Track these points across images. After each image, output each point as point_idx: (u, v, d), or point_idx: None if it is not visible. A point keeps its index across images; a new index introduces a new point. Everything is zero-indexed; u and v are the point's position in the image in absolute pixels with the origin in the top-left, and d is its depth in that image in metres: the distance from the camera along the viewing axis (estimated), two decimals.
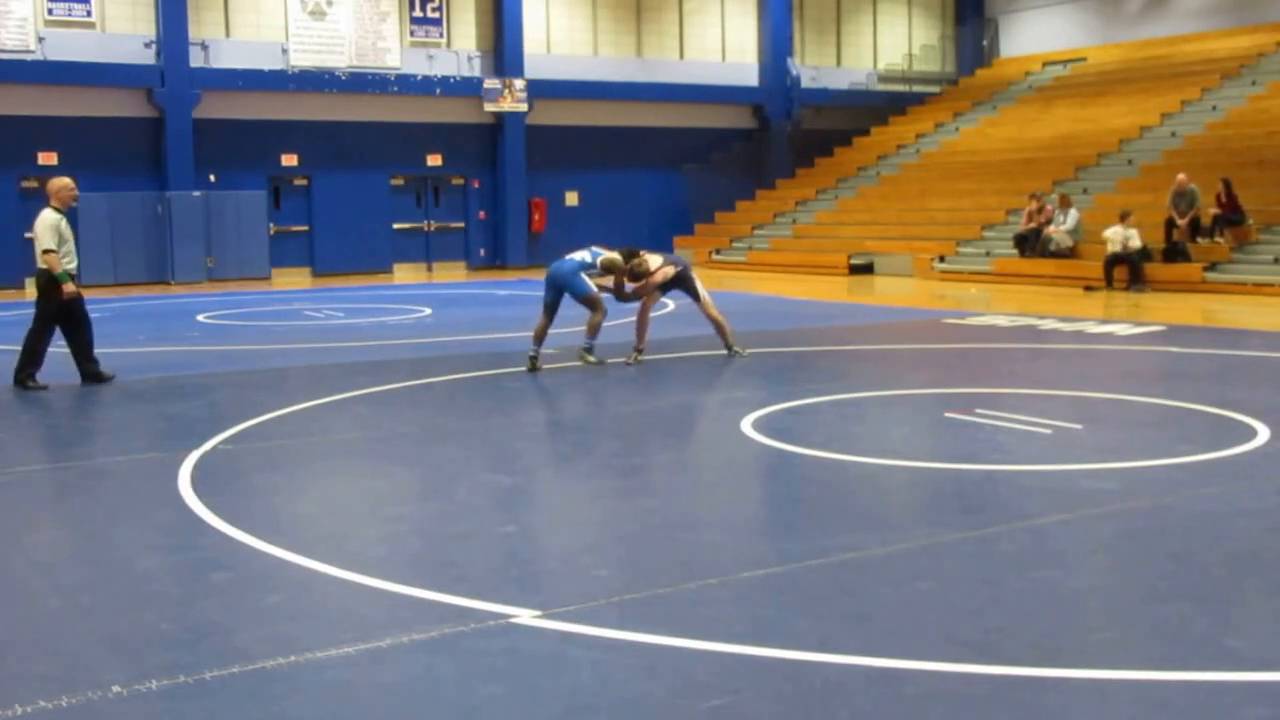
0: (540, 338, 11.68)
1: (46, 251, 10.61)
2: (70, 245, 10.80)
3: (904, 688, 4.10)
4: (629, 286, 11.97)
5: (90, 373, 10.93)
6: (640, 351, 12.02)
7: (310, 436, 8.65)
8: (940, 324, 15.63)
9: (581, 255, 11.84)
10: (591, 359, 11.56)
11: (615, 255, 11.86)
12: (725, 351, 12.13)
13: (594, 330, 11.66)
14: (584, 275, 11.68)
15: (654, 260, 12.09)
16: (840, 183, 30.15)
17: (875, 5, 34.01)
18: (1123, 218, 19.94)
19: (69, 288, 10.62)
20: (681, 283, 12.16)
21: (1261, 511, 6.30)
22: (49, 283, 10.73)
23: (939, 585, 5.16)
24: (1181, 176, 20.39)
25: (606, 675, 4.24)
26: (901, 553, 5.60)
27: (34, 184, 24.36)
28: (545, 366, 11.51)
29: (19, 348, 10.87)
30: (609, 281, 11.83)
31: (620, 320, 12.88)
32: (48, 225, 10.65)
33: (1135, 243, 19.74)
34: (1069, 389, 10.07)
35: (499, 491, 7.13)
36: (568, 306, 11.86)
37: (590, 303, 11.66)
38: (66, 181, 10.94)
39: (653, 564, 5.55)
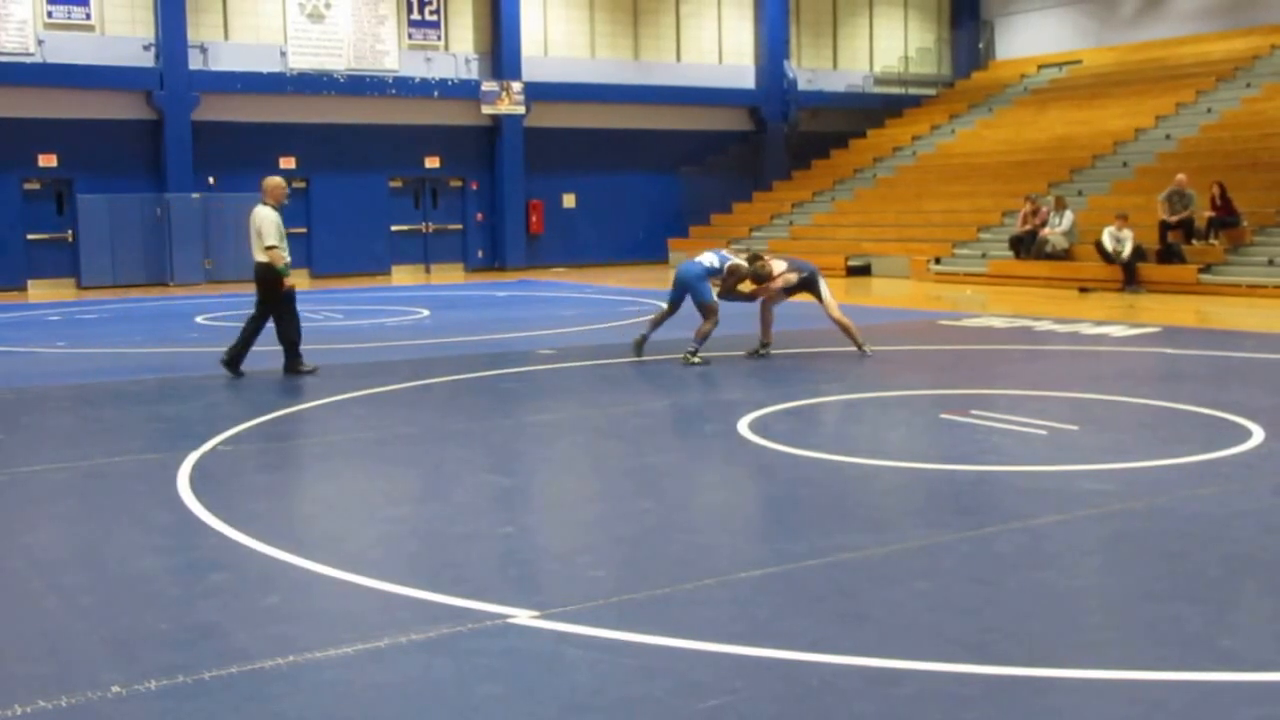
0: (657, 323, 12.16)
1: (270, 247, 10.99)
2: (286, 241, 11.16)
3: (900, 687, 4.12)
4: (750, 289, 12.22)
5: (294, 365, 11.29)
6: (766, 346, 12.26)
7: (309, 437, 8.67)
8: (936, 325, 15.65)
9: (710, 260, 11.99)
10: (695, 360, 11.63)
11: (741, 260, 12.09)
12: (856, 350, 12.20)
13: (703, 337, 11.81)
14: (709, 281, 11.86)
15: (778, 265, 12.29)
16: (837, 185, 30.19)
17: (871, 8, 34.04)
18: (1120, 219, 19.98)
19: (289, 281, 11.10)
20: (807, 286, 12.31)
21: (1256, 512, 6.33)
22: (268, 276, 11.10)
23: (935, 585, 5.18)
24: (1181, 177, 20.44)
25: (604, 675, 4.26)
26: (898, 553, 5.63)
27: (35, 185, 24.41)
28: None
29: (18, 349, 10.88)
30: (735, 279, 12.02)
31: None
32: (271, 222, 11.05)
33: (1128, 246, 19.76)
34: (1064, 390, 10.09)
35: (497, 492, 7.15)
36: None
37: (707, 310, 11.84)
38: (280, 181, 11.39)
39: (650, 564, 5.56)
